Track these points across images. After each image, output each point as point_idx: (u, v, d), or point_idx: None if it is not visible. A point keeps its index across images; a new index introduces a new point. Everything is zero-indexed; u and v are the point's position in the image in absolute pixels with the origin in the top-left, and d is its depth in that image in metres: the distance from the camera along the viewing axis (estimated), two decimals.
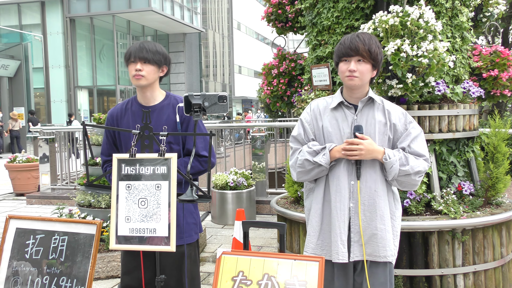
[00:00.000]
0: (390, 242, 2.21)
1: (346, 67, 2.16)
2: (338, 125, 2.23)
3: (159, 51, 2.37)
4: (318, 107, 2.31)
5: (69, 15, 24.96)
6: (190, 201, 1.91)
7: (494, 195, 3.58)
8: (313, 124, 2.29)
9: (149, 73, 2.34)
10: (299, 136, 2.31)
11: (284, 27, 4.76)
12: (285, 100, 4.59)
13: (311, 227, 2.31)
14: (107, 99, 28.18)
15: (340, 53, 2.18)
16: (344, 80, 2.19)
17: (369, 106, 2.24)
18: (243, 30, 46.68)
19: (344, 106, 2.24)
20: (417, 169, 2.17)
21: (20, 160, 8.71)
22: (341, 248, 2.18)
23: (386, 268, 2.24)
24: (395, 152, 2.18)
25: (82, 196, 4.63)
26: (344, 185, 2.19)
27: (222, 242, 5.33)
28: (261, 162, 6.89)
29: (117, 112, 2.49)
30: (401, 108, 2.30)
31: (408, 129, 2.24)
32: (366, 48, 2.14)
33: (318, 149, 2.21)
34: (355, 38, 2.16)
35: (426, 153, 2.24)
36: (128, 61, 2.36)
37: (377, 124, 2.21)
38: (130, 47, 2.38)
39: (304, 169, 2.24)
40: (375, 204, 2.19)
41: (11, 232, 1.99)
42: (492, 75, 3.85)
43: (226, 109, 1.92)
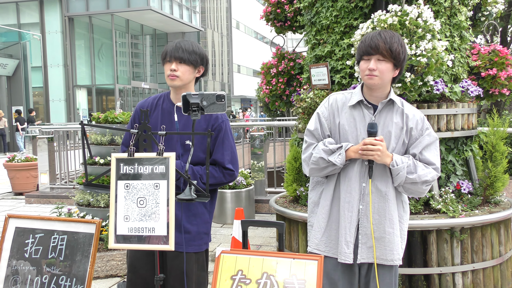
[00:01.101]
0: (398, 246, 2.20)
1: (366, 66, 2.10)
2: (355, 124, 2.19)
3: (195, 51, 2.32)
4: (336, 102, 2.24)
5: (67, 14, 24.94)
6: (188, 200, 1.91)
7: (493, 194, 3.59)
8: (330, 120, 2.24)
9: (184, 74, 2.30)
10: (315, 131, 2.25)
11: (283, 26, 4.76)
12: (284, 99, 4.59)
13: (317, 222, 2.28)
14: (106, 98, 28.17)
15: (361, 51, 2.12)
16: (364, 79, 2.14)
17: (388, 107, 2.19)
18: (242, 29, 46.65)
19: (363, 105, 2.19)
20: (425, 178, 2.13)
21: (19, 159, 8.71)
22: (344, 249, 2.17)
23: (392, 270, 2.23)
24: (404, 159, 2.14)
25: (81, 195, 4.63)
26: (355, 186, 2.17)
27: (221, 241, 5.34)
28: (260, 161, 6.90)
29: (147, 106, 2.43)
30: (421, 113, 2.25)
31: (423, 135, 2.20)
32: (387, 46, 2.07)
33: (334, 148, 2.16)
34: (376, 36, 2.10)
35: (437, 162, 2.19)
36: (164, 60, 2.32)
37: (394, 127, 2.17)
38: (166, 46, 2.33)
39: (318, 167, 2.19)
40: (385, 207, 2.17)
41: (11, 231, 1.99)
42: (490, 74, 3.86)
43: (224, 108, 1.92)
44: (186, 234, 2.29)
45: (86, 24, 25.69)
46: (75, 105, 25.37)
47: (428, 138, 2.20)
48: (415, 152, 2.19)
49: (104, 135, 4.68)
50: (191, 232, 2.31)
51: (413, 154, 2.19)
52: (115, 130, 4.62)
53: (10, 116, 20.70)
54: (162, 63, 2.35)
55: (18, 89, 21.09)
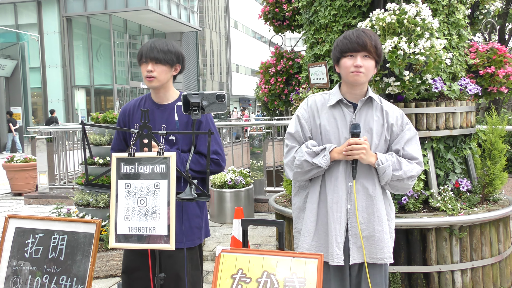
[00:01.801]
0: (388, 244, 2.19)
1: (351, 63, 2.10)
2: (336, 124, 2.18)
3: (170, 50, 2.31)
4: (315, 103, 2.24)
5: (65, 14, 24.90)
6: (189, 200, 1.91)
7: (491, 192, 3.59)
8: (310, 121, 2.23)
9: (160, 74, 2.30)
10: (296, 133, 2.24)
11: (282, 26, 4.77)
12: (282, 98, 4.60)
13: (306, 227, 2.25)
14: (105, 98, 28.13)
15: (346, 48, 2.11)
16: (348, 76, 2.12)
17: (368, 105, 2.20)
18: (240, 28, 46.63)
19: (343, 104, 2.19)
20: (410, 174, 2.15)
21: (18, 160, 8.70)
22: (336, 251, 2.14)
23: (382, 269, 2.22)
24: (388, 157, 2.14)
25: (81, 196, 4.63)
26: (341, 186, 2.16)
27: (221, 241, 5.34)
28: (259, 161, 6.90)
29: (129, 109, 2.46)
30: (399, 109, 2.27)
31: (404, 130, 2.21)
32: (373, 44, 2.10)
33: (318, 150, 2.14)
34: (361, 34, 2.11)
35: (419, 156, 2.20)
36: (139, 61, 2.33)
37: (375, 124, 2.17)
38: (142, 47, 2.33)
39: (302, 170, 2.18)
40: (372, 206, 2.16)
41: (11, 232, 1.99)
42: (488, 72, 3.86)
43: (224, 107, 1.93)
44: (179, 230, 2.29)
45: (84, 24, 25.65)
46: (73, 106, 25.34)
47: (409, 133, 2.21)
48: (398, 148, 2.19)
49: (103, 135, 4.68)
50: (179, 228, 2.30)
51: (396, 150, 2.20)
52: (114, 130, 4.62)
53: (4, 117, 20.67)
54: (139, 64, 2.35)
55: (17, 90, 21.06)
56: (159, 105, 2.40)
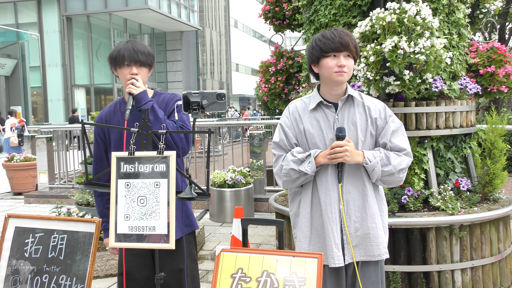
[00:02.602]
0: (382, 240, 2.20)
1: (334, 63, 2.10)
2: (320, 126, 2.19)
3: (150, 53, 2.30)
4: (296, 109, 2.25)
5: (65, 13, 24.89)
6: (189, 199, 1.91)
7: (491, 191, 3.59)
8: (294, 128, 2.23)
9: (143, 76, 2.28)
10: (281, 142, 2.24)
11: (282, 25, 4.76)
12: (282, 97, 4.60)
13: (301, 232, 2.25)
14: (105, 97, 28.14)
15: (328, 48, 2.11)
16: (331, 76, 2.13)
17: (349, 103, 2.20)
18: (240, 28, 46.62)
19: (324, 106, 2.20)
20: (400, 167, 2.14)
21: (18, 159, 8.70)
22: (336, 252, 2.14)
23: (377, 266, 2.22)
24: (376, 153, 2.14)
25: (81, 195, 4.63)
26: (333, 187, 2.16)
27: (221, 240, 5.34)
28: (259, 160, 6.90)
29: (105, 115, 2.41)
30: (381, 102, 2.27)
31: (388, 122, 2.20)
32: (353, 43, 2.12)
33: (303, 157, 2.15)
34: (342, 33, 2.12)
35: (407, 146, 2.20)
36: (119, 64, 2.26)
37: (359, 121, 2.18)
38: (120, 49, 2.26)
39: (290, 178, 2.18)
40: (364, 203, 2.17)
41: (10, 231, 1.99)
42: (489, 71, 3.86)
43: (224, 107, 1.92)
44: None
45: (84, 23, 25.65)
46: (73, 105, 25.34)
47: (393, 125, 2.21)
48: (385, 141, 2.19)
49: None
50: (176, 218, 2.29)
51: (383, 144, 2.19)
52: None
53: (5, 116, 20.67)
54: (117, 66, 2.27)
55: (17, 89, 21.08)
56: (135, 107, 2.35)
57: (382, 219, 2.23)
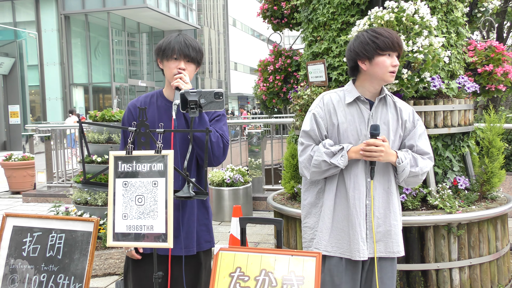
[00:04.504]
0: (401, 237, 2.25)
1: (390, 62, 2.11)
2: (354, 121, 2.18)
3: (200, 49, 2.21)
4: (331, 101, 2.22)
5: (63, 12, 24.83)
6: (186, 198, 1.91)
7: (489, 190, 3.60)
8: (327, 119, 2.21)
9: (191, 73, 2.20)
10: (312, 131, 2.21)
11: (280, 24, 4.76)
12: (281, 96, 4.59)
13: (323, 223, 2.24)
14: (103, 96, 28.09)
15: (386, 46, 2.10)
16: (385, 76, 2.12)
17: (382, 102, 2.22)
18: (239, 26, 46.58)
19: (360, 102, 2.19)
20: (425, 169, 2.20)
21: (16, 158, 8.68)
22: (361, 246, 2.16)
23: (394, 263, 2.27)
24: (406, 155, 2.17)
25: (79, 194, 4.63)
26: (362, 182, 2.18)
27: (219, 239, 5.34)
28: (257, 159, 6.90)
29: (140, 105, 2.29)
30: (410, 105, 2.31)
31: (416, 126, 2.25)
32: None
33: (336, 150, 2.14)
34: (395, 34, 2.14)
35: (430, 151, 2.26)
36: (169, 56, 2.17)
37: (391, 121, 2.20)
38: (171, 41, 2.17)
39: (320, 170, 2.16)
40: (389, 201, 2.20)
41: (8, 230, 1.98)
42: (487, 70, 3.86)
43: (222, 105, 1.92)
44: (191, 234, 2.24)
45: (82, 22, 25.59)
46: (71, 104, 25.29)
47: (420, 129, 2.26)
48: (413, 143, 2.23)
49: (101, 133, 4.67)
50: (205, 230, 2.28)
51: (410, 146, 2.23)
52: (112, 128, 4.62)
53: (7, 115, 20.62)
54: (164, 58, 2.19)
55: (14, 88, 21.01)
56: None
57: (401, 217, 2.29)
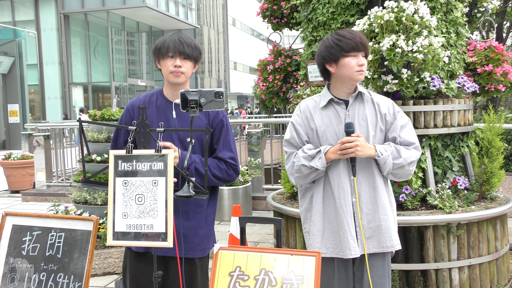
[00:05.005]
0: (394, 231, 2.26)
1: (355, 62, 2.17)
2: (331, 123, 2.24)
3: (196, 46, 2.23)
4: (307, 107, 2.31)
5: (63, 11, 24.82)
6: (186, 197, 1.91)
7: (489, 190, 3.60)
8: (305, 126, 2.29)
9: (188, 70, 2.21)
10: (292, 139, 2.30)
11: (280, 23, 4.76)
12: (280, 96, 4.59)
13: (314, 226, 2.29)
14: (102, 95, 28.08)
15: (349, 48, 2.16)
16: (353, 75, 2.18)
17: (359, 100, 2.27)
18: (238, 26, 46.57)
19: (335, 103, 2.26)
20: (410, 160, 2.20)
21: (15, 157, 8.68)
22: (352, 244, 2.19)
23: (384, 260, 2.27)
24: (386, 147, 2.20)
25: (78, 193, 4.62)
26: (345, 181, 2.21)
27: (219, 238, 5.34)
28: (257, 158, 6.90)
29: (139, 104, 2.29)
30: (389, 98, 2.34)
31: (397, 118, 2.27)
32: (368, 44, 2.21)
33: (313, 153, 2.21)
34: (359, 34, 2.19)
35: (416, 140, 2.26)
36: (164, 55, 2.19)
37: (369, 117, 2.24)
38: (165, 40, 2.20)
39: (302, 174, 2.24)
40: (375, 196, 2.22)
41: (8, 229, 1.98)
42: (486, 70, 3.87)
43: (222, 105, 1.92)
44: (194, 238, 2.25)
45: (82, 21, 25.57)
46: (71, 103, 25.28)
47: (402, 120, 2.27)
48: (395, 135, 2.25)
49: (100, 132, 4.67)
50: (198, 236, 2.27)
51: (393, 138, 2.25)
52: (112, 128, 4.61)
53: (6, 114, 20.60)
54: (160, 57, 2.21)
55: (14, 87, 20.99)
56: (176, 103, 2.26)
57: (392, 211, 2.29)
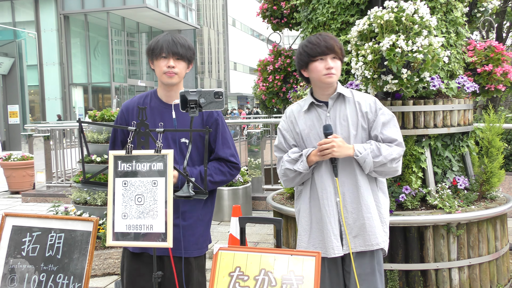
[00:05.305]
0: (379, 229, 2.26)
1: (323, 65, 2.21)
2: (314, 126, 2.29)
3: (190, 47, 2.23)
4: (292, 112, 2.37)
5: (63, 12, 24.82)
6: (186, 197, 1.91)
7: (489, 189, 3.60)
8: (291, 130, 2.35)
9: (181, 71, 2.22)
10: (280, 144, 2.38)
11: (280, 23, 4.76)
12: (280, 96, 4.59)
13: (301, 227, 2.36)
14: (102, 96, 28.08)
15: (315, 53, 2.21)
16: (321, 79, 2.22)
17: (339, 101, 2.29)
18: (238, 26, 46.57)
19: (316, 106, 2.30)
20: (391, 157, 2.20)
21: (15, 158, 8.68)
22: (335, 243, 2.23)
23: (372, 258, 2.27)
24: (366, 146, 2.21)
25: (78, 194, 4.62)
26: (328, 182, 2.25)
27: (219, 239, 5.34)
28: (257, 159, 6.90)
29: (133, 106, 2.32)
30: (371, 96, 2.35)
31: (378, 115, 2.27)
32: (338, 45, 2.23)
33: (297, 156, 2.27)
34: (327, 37, 2.23)
35: (398, 137, 2.26)
36: (157, 55, 2.19)
37: (349, 116, 2.26)
38: (159, 40, 2.20)
39: (288, 178, 2.32)
40: (358, 195, 2.24)
41: (7, 230, 1.98)
42: (486, 70, 3.87)
43: (222, 105, 1.92)
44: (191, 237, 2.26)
45: (82, 22, 25.57)
46: (71, 104, 25.28)
47: (383, 117, 2.27)
48: (376, 134, 2.26)
49: (100, 133, 4.67)
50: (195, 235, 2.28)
51: (375, 136, 2.26)
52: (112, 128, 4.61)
53: (6, 115, 20.60)
54: (154, 58, 2.22)
55: (14, 88, 20.99)
56: (167, 105, 2.28)
57: (379, 210, 2.29)
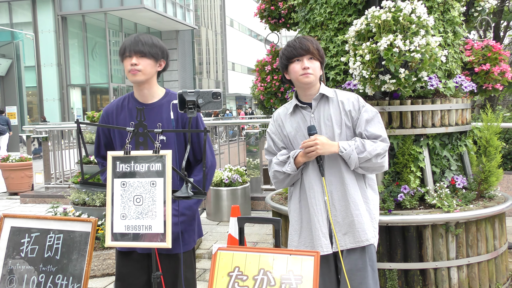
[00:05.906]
0: (368, 225, 2.29)
1: (299, 66, 2.26)
2: (300, 127, 2.34)
3: (155, 44, 2.26)
4: (279, 115, 2.42)
5: (60, 13, 24.79)
6: (185, 198, 1.91)
7: (487, 188, 3.61)
8: (279, 133, 2.41)
9: (145, 68, 2.22)
10: (269, 148, 2.44)
11: (277, 24, 4.76)
12: (278, 96, 4.59)
13: (292, 226, 2.40)
14: (100, 97, 28.06)
15: (291, 55, 2.27)
16: (299, 79, 2.27)
17: (323, 101, 2.33)
18: (236, 27, 46.57)
19: (300, 108, 2.34)
20: (375, 152, 2.23)
21: (14, 159, 8.66)
22: (323, 241, 2.27)
23: (364, 254, 2.29)
24: (351, 142, 2.25)
25: (77, 195, 4.62)
26: (315, 182, 2.29)
27: (218, 239, 5.34)
28: (255, 159, 6.90)
29: (112, 110, 2.37)
30: (354, 94, 2.38)
31: (361, 112, 2.30)
32: (315, 47, 2.28)
33: (284, 158, 2.32)
34: (303, 40, 2.28)
35: (382, 133, 2.29)
36: (123, 56, 2.24)
37: (333, 115, 2.30)
38: (124, 41, 2.26)
39: (278, 180, 2.37)
40: (345, 192, 2.28)
41: (6, 231, 1.98)
42: (484, 69, 3.87)
43: (220, 106, 1.92)
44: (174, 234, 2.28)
45: (79, 23, 25.54)
46: (69, 105, 25.25)
47: (366, 114, 2.31)
48: (360, 131, 2.30)
49: None
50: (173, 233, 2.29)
51: (359, 134, 2.30)
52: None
53: None
54: (121, 59, 2.26)
55: (12, 89, 20.97)
56: (145, 105, 2.30)
57: (368, 206, 2.32)
